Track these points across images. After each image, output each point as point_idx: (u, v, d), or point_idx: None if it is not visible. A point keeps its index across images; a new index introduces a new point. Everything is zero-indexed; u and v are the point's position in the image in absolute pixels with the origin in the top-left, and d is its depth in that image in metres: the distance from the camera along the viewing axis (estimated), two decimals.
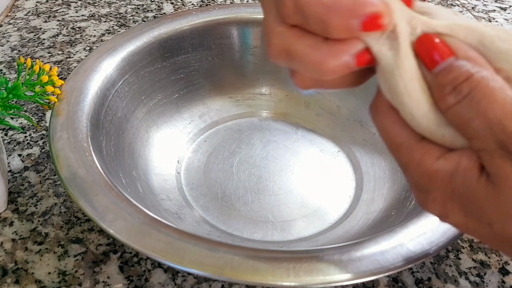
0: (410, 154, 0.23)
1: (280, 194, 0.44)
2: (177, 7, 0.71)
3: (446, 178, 0.23)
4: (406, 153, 0.24)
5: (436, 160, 0.23)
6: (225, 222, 0.41)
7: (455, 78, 0.22)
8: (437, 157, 0.23)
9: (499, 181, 0.21)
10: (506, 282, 0.37)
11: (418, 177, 0.24)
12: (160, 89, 0.49)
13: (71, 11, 0.68)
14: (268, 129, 0.51)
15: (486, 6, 0.78)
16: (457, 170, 0.22)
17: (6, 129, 0.49)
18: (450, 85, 0.22)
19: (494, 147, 0.21)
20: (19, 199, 0.42)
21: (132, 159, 0.43)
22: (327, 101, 0.52)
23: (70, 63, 0.58)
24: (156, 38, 0.48)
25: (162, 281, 0.36)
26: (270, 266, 0.29)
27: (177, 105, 0.50)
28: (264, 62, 0.53)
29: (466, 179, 0.22)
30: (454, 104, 0.22)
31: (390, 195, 0.43)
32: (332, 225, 0.42)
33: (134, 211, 0.32)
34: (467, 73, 0.21)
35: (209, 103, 0.52)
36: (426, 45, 0.23)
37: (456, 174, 0.22)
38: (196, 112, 0.51)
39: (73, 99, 0.40)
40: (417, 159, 0.23)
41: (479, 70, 0.21)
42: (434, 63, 0.22)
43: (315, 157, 0.48)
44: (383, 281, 0.37)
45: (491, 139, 0.21)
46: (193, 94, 0.51)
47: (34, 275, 0.36)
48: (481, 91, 0.21)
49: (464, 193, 0.22)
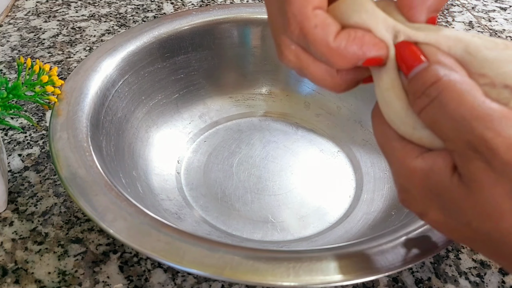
0: (393, 154, 0.25)
1: (280, 194, 0.44)
2: (177, 7, 0.71)
3: (423, 176, 0.23)
4: (390, 152, 0.25)
5: (415, 159, 0.24)
6: (225, 222, 0.41)
7: (424, 82, 0.22)
8: (416, 156, 0.24)
9: (470, 184, 0.22)
10: (506, 282, 0.37)
11: (400, 176, 0.25)
12: (160, 89, 0.49)
13: (71, 11, 0.68)
14: (268, 129, 0.51)
15: (486, 6, 0.78)
16: (432, 169, 0.23)
17: (6, 129, 0.49)
18: (420, 90, 0.23)
19: (464, 149, 0.21)
20: (19, 199, 0.42)
21: (132, 159, 0.43)
22: (327, 101, 0.52)
23: (70, 63, 0.58)
24: (156, 38, 0.48)
25: (162, 281, 0.36)
26: (270, 266, 0.29)
27: (177, 105, 0.50)
28: (264, 62, 0.53)
29: (440, 178, 0.23)
30: (424, 107, 0.22)
31: (390, 195, 0.43)
32: (332, 225, 0.42)
33: (134, 211, 0.32)
34: (435, 77, 0.22)
35: (209, 103, 0.52)
36: (401, 52, 0.24)
37: (431, 173, 0.23)
38: (196, 112, 0.51)
39: (73, 99, 0.40)
40: (399, 158, 0.24)
41: (447, 74, 0.22)
42: (409, 69, 0.23)
43: (315, 157, 0.48)
44: (383, 281, 0.37)
45: (460, 140, 0.21)
46: (193, 94, 0.51)
47: (34, 275, 0.36)
48: (449, 94, 0.22)
49: (440, 192, 0.23)
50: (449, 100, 0.22)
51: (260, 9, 0.53)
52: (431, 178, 0.23)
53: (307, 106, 0.53)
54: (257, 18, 0.52)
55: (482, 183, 0.21)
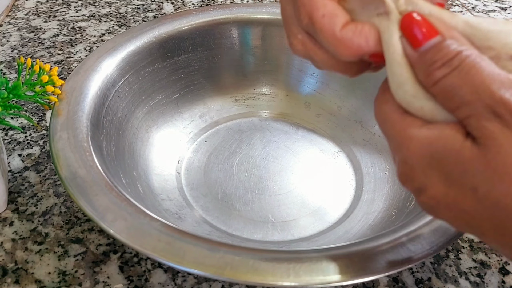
0: (394, 126, 0.24)
1: (280, 194, 0.44)
2: (178, 7, 0.71)
3: (426, 144, 0.23)
4: (390, 125, 0.25)
5: (418, 128, 0.23)
6: (225, 222, 0.41)
7: (445, 54, 0.22)
8: (420, 125, 0.23)
9: (486, 141, 0.21)
10: (506, 282, 0.37)
11: (401, 147, 0.24)
12: (161, 89, 0.49)
13: (72, 11, 0.68)
14: (268, 129, 0.51)
15: (486, 6, 0.78)
16: (438, 137, 0.23)
17: (6, 129, 0.49)
18: (440, 61, 0.22)
19: (482, 112, 0.21)
20: (19, 199, 0.42)
21: (133, 159, 0.43)
22: (327, 102, 0.52)
23: (70, 63, 0.58)
24: (157, 38, 0.48)
25: (162, 281, 0.36)
26: (270, 266, 0.29)
27: (178, 105, 0.50)
28: (265, 62, 0.53)
29: (448, 143, 0.22)
30: (442, 78, 0.22)
31: (390, 195, 0.43)
32: (332, 225, 0.42)
33: (134, 211, 0.32)
34: (456, 50, 0.22)
35: (210, 103, 0.52)
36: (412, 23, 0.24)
37: (437, 140, 0.23)
38: (197, 112, 0.51)
39: (73, 99, 0.40)
40: (399, 129, 0.24)
41: (467, 48, 0.22)
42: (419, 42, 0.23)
43: (316, 157, 0.48)
44: (383, 281, 0.37)
45: (479, 104, 0.21)
46: (193, 94, 0.51)
47: (34, 275, 0.36)
48: (470, 63, 0.22)
49: (445, 157, 0.22)
50: (470, 68, 0.22)
51: (261, 9, 0.53)
52: (435, 145, 0.23)
53: (307, 106, 0.53)
54: (257, 18, 0.52)
55: (500, 142, 0.21)
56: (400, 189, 0.42)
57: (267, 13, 0.53)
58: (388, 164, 0.46)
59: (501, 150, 0.21)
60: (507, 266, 0.39)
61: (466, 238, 0.41)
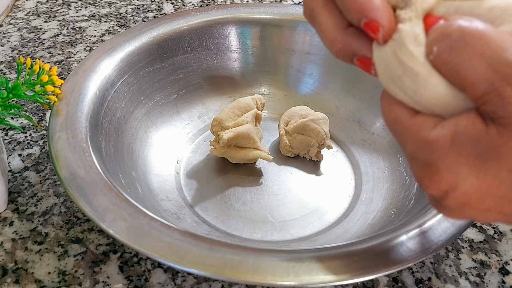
0: (406, 130, 0.24)
1: (279, 194, 0.44)
2: (177, 7, 0.71)
3: (447, 143, 0.22)
4: (402, 130, 0.24)
5: (433, 130, 0.23)
6: (224, 222, 0.42)
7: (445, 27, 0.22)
8: (432, 127, 0.23)
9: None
10: (506, 282, 0.37)
11: (417, 151, 0.23)
12: (159, 89, 0.49)
13: (72, 11, 0.69)
14: (267, 129, 0.51)
15: None
16: (457, 132, 0.22)
17: (6, 129, 0.49)
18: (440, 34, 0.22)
19: (500, 85, 0.20)
20: (19, 199, 0.42)
21: (131, 160, 0.43)
22: (326, 102, 0.52)
23: (70, 63, 0.58)
24: (155, 39, 0.48)
25: (162, 281, 0.36)
26: (270, 266, 0.29)
27: (176, 105, 0.50)
28: (263, 63, 0.53)
29: (472, 135, 0.22)
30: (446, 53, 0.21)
31: (389, 195, 0.43)
32: (331, 224, 0.42)
33: (133, 211, 0.32)
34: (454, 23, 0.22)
35: (208, 103, 0.52)
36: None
37: (457, 135, 0.22)
38: (195, 112, 0.51)
39: (72, 100, 0.40)
40: (413, 132, 0.23)
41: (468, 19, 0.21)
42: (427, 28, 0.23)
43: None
44: (383, 281, 0.37)
45: (494, 76, 0.20)
46: (192, 95, 0.51)
47: (34, 275, 0.36)
48: (472, 33, 0.21)
49: (474, 148, 0.22)
50: (474, 39, 0.21)
51: (259, 9, 0.53)
52: (459, 141, 0.22)
53: (305, 106, 0.53)
54: (256, 18, 0.52)
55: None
56: (399, 189, 0.42)
57: (266, 13, 0.53)
58: (387, 164, 0.46)
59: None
60: (507, 266, 0.39)
61: (466, 238, 0.41)
